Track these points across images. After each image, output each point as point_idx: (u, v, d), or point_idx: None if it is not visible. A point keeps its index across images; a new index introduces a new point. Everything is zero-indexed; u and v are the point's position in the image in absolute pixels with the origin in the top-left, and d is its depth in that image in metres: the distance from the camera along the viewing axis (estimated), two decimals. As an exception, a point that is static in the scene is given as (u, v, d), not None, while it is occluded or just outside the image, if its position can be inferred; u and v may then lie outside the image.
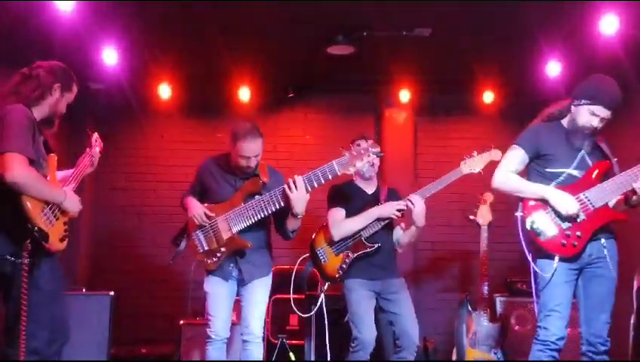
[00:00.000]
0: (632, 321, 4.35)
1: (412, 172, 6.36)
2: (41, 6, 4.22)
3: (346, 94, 6.43)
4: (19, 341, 2.69)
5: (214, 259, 3.63)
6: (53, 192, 2.91)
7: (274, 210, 3.51)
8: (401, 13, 4.69)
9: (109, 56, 5.14)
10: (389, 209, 3.95)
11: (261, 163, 3.74)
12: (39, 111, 2.97)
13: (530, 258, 3.14)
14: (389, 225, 4.04)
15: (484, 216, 4.70)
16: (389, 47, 5.18)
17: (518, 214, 3.20)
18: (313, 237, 4.16)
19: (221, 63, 5.49)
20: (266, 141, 6.45)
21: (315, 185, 3.41)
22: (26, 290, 2.70)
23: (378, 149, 3.43)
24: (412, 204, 3.90)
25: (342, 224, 4.01)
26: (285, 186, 3.42)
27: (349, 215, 4.03)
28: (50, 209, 2.88)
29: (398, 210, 3.94)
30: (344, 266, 3.98)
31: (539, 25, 4.70)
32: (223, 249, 3.60)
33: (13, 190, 2.71)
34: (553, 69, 5.34)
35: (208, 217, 3.61)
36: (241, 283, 3.69)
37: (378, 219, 3.96)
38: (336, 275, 4.00)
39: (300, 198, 3.40)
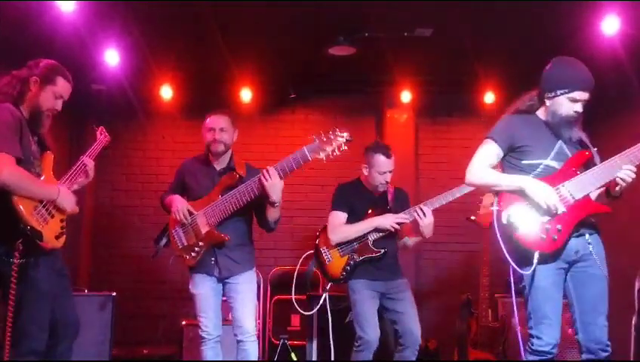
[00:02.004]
0: (633, 322, 4.34)
1: (413, 173, 6.35)
2: (43, 8, 4.23)
3: (348, 95, 6.43)
4: (15, 340, 2.68)
5: (193, 254, 3.67)
6: (45, 190, 2.88)
7: (249, 199, 3.56)
8: (402, 13, 4.69)
9: (111, 57, 5.15)
10: (388, 221, 3.95)
11: (239, 161, 3.82)
12: (26, 109, 2.94)
13: (507, 255, 2.90)
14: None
15: (485, 216, 4.70)
16: (390, 47, 5.19)
17: (494, 208, 2.95)
18: (318, 236, 4.16)
19: (222, 64, 5.50)
20: (267, 142, 6.47)
21: (288, 171, 3.47)
22: (14, 290, 2.69)
23: (347, 134, 3.44)
24: (420, 216, 3.88)
25: (340, 229, 4.02)
26: (260, 175, 3.48)
27: (354, 215, 4.03)
28: (44, 206, 2.85)
29: (398, 223, 3.93)
30: (348, 268, 3.99)
31: (540, 25, 4.70)
32: (201, 243, 3.64)
33: (3, 190, 2.69)
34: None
35: (190, 213, 3.66)
36: (221, 279, 3.69)
37: (377, 229, 3.97)
38: (340, 276, 4.01)
39: (274, 185, 3.46)
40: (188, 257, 3.69)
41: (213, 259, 3.67)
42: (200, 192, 3.74)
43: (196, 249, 3.66)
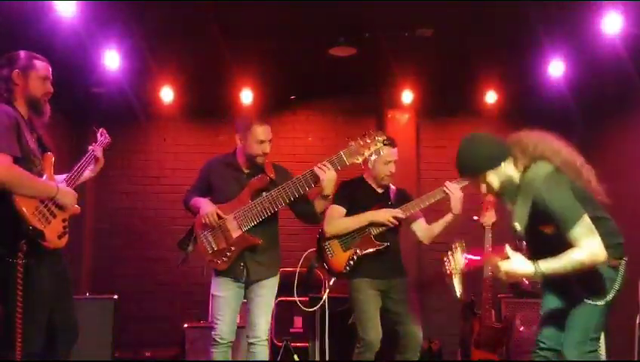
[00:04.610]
0: (637, 321, 4.33)
1: (415, 173, 6.35)
2: (43, 10, 4.21)
3: (348, 95, 6.43)
4: (14, 342, 2.66)
5: (224, 259, 3.58)
6: (43, 187, 2.86)
7: (283, 204, 3.53)
8: (402, 13, 4.68)
9: (111, 60, 5.13)
10: (384, 215, 3.92)
11: (267, 161, 3.73)
12: (23, 105, 2.93)
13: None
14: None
15: (487, 216, 4.68)
16: (391, 48, 5.18)
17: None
18: (320, 234, 4.14)
19: (223, 66, 5.49)
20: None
21: (339, 167, 3.51)
22: (21, 291, 2.67)
23: (385, 137, 3.51)
24: (450, 191, 3.88)
25: (335, 222, 3.99)
26: (318, 169, 3.49)
27: (356, 211, 4.00)
28: (45, 206, 2.83)
29: (395, 218, 3.91)
30: (351, 262, 3.95)
31: (541, 24, 4.69)
32: (232, 248, 3.56)
33: (3, 190, 2.68)
34: (556, 68, 5.32)
35: (219, 217, 3.56)
36: (248, 283, 3.64)
37: (373, 223, 3.95)
38: (344, 270, 3.97)
39: (331, 179, 3.50)
40: (220, 262, 3.59)
41: (242, 263, 3.59)
42: (228, 195, 3.64)
43: (227, 253, 3.57)
